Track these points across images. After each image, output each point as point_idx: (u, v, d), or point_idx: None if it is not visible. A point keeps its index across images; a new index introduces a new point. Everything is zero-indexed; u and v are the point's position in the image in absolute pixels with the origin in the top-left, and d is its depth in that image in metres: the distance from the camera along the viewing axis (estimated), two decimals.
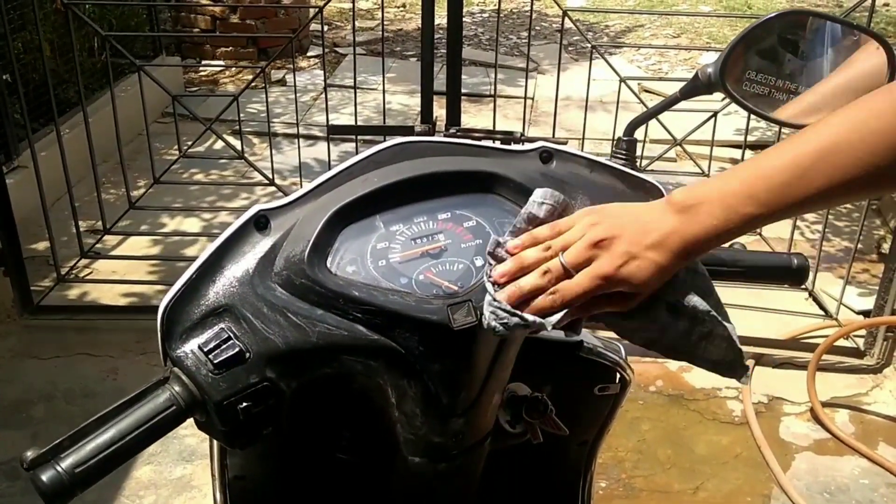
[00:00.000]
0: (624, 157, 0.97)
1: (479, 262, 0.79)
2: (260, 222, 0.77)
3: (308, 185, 0.79)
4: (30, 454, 0.68)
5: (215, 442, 0.87)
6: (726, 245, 0.94)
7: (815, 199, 0.69)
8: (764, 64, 0.91)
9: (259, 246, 0.76)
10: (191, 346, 0.73)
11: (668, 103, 1.02)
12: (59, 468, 0.67)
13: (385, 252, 0.78)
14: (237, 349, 0.72)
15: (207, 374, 0.71)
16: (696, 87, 0.96)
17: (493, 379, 0.81)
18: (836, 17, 0.96)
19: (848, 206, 4.13)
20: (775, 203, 0.70)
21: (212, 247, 0.76)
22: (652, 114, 1.05)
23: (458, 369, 0.79)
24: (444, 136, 1.03)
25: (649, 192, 0.85)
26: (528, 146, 0.84)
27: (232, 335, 0.72)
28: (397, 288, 0.76)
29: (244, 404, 0.71)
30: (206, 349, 0.72)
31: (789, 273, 0.93)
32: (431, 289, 0.77)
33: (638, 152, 1.10)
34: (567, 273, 0.73)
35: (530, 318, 0.72)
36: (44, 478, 0.67)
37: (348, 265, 0.76)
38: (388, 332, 0.74)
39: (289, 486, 0.96)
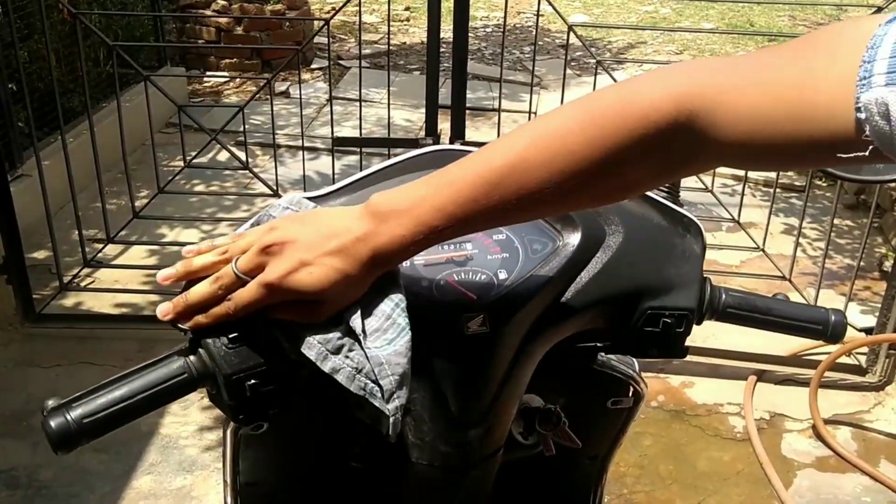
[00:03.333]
0: (667, 189, 0.97)
1: (502, 275, 0.79)
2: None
3: (345, 180, 0.80)
4: (51, 402, 0.70)
5: (228, 447, 0.88)
6: (768, 294, 0.93)
7: (502, 213, 0.68)
8: None
9: None
10: None
11: None
12: (68, 417, 0.69)
13: None
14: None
15: (221, 347, 0.72)
16: None
17: (507, 393, 0.81)
18: None
19: (849, 223, 4.14)
20: (463, 217, 0.67)
21: (244, 227, 0.77)
22: None
23: (468, 378, 0.79)
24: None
25: (687, 228, 0.85)
26: None
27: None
28: (417, 290, 0.77)
29: (252, 381, 0.72)
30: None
31: (825, 331, 0.92)
32: (451, 295, 0.77)
33: None
34: (241, 281, 0.70)
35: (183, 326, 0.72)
36: (53, 424, 0.69)
37: None
38: None
39: (300, 494, 0.96)
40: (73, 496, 2.36)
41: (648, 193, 0.86)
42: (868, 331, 3.02)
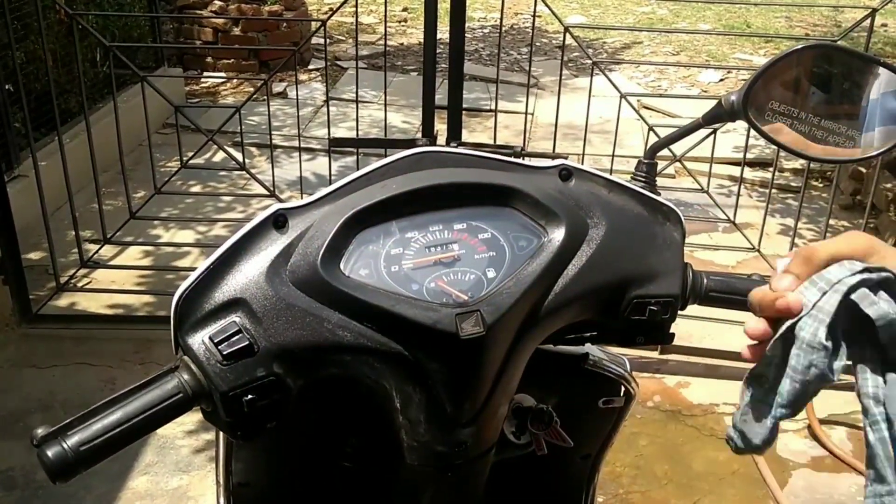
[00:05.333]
0: (644, 178, 0.97)
1: (490, 273, 0.79)
2: (278, 221, 0.78)
3: (328, 188, 0.80)
4: (40, 431, 0.69)
5: (221, 448, 0.88)
6: (745, 275, 0.94)
7: None
8: (788, 95, 0.91)
9: (276, 244, 0.77)
10: (201, 337, 0.73)
11: (690, 129, 1.01)
12: (64, 445, 0.68)
13: (399, 258, 0.79)
14: (246, 342, 0.72)
15: (216, 364, 0.72)
16: (718, 114, 0.96)
17: (500, 390, 0.81)
18: (862, 52, 0.96)
19: (845, 224, 4.15)
20: None
21: (229, 241, 0.77)
22: (673, 138, 1.05)
23: (463, 378, 0.79)
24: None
25: (667, 216, 0.86)
26: (547, 163, 0.85)
27: (242, 328, 0.73)
28: (408, 294, 0.77)
29: (250, 396, 0.72)
30: (216, 340, 0.72)
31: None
32: (441, 297, 0.77)
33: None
34: None
35: None
36: (49, 454, 0.68)
37: (362, 268, 0.77)
38: (395, 337, 0.75)
39: (292, 494, 0.97)
40: (70, 496, 2.36)
41: (626, 184, 0.87)
42: None
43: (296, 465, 0.94)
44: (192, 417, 2.65)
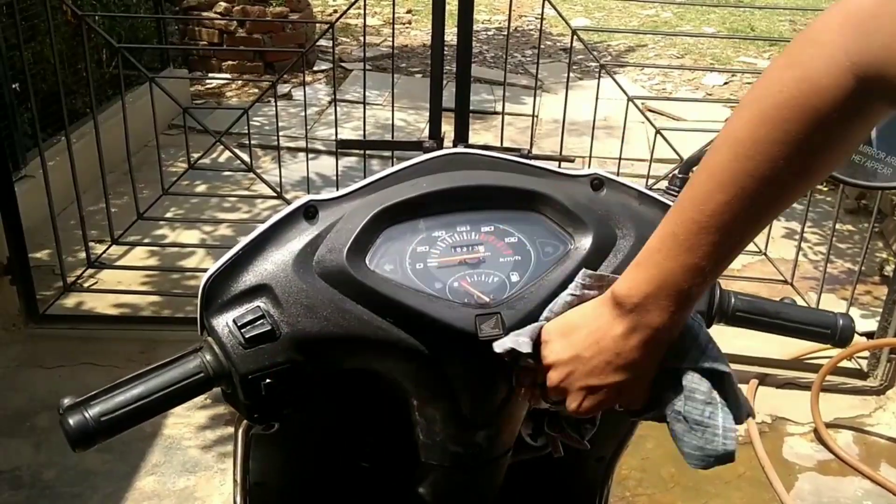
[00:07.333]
0: (677, 193, 0.97)
1: (514, 277, 0.80)
2: (309, 212, 0.79)
3: (359, 182, 0.81)
4: (67, 401, 0.71)
5: (239, 447, 0.88)
6: (774, 298, 0.94)
7: (748, 240, 0.68)
8: None
9: (305, 234, 0.78)
10: (226, 319, 0.75)
11: None
12: (86, 415, 0.70)
13: (424, 256, 0.79)
14: (268, 328, 0.74)
15: (238, 347, 0.73)
16: None
17: (518, 395, 0.81)
18: None
19: (850, 228, 4.15)
20: (721, 267, 0.68)
21: (260, 228, 0.78)
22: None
23: (480, 379, 0.80)
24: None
25: None
26: (580, 171, 0.85)
27: (266, 314, 0.74)
28: (430, 292, 0.78)
29: (268, 381, 0.73)
30: (239, 323, 0.74)
31: (833, 335, 0.92)
32: (464, 297, 0.78)
33: (643, 171, 1.11)
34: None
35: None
36: (71, 421, 0.70)
37: (387, 264, 0.78)
38: (415, 333, 0.76)
39: (309, 494, 0.97)
40: (77, 496, 2.37)
41: (659, 197, 0.87)
42: (869, 335, 3.02)
43: (312, 464, 0.95)
44: (199, 418, 2.66)
